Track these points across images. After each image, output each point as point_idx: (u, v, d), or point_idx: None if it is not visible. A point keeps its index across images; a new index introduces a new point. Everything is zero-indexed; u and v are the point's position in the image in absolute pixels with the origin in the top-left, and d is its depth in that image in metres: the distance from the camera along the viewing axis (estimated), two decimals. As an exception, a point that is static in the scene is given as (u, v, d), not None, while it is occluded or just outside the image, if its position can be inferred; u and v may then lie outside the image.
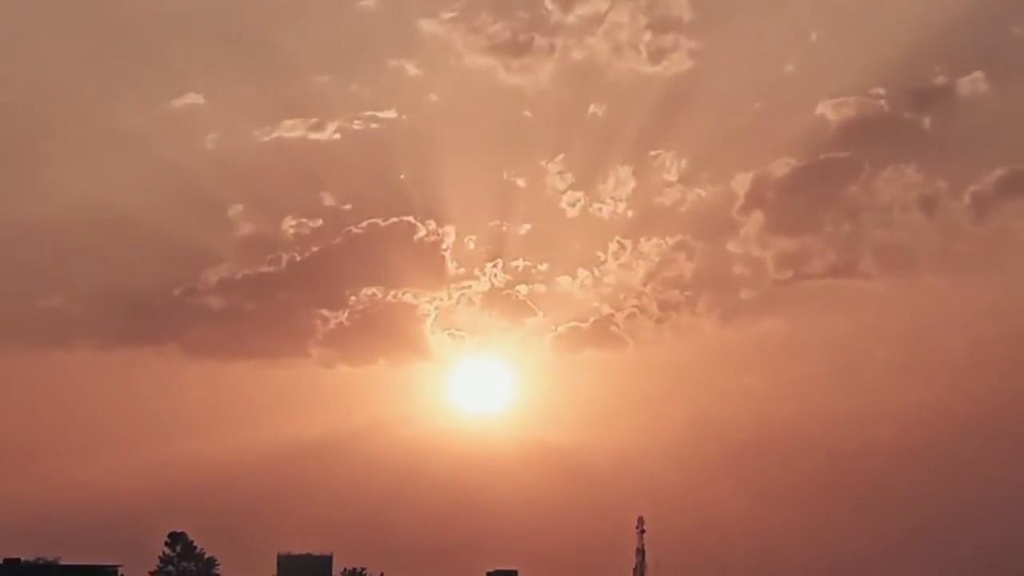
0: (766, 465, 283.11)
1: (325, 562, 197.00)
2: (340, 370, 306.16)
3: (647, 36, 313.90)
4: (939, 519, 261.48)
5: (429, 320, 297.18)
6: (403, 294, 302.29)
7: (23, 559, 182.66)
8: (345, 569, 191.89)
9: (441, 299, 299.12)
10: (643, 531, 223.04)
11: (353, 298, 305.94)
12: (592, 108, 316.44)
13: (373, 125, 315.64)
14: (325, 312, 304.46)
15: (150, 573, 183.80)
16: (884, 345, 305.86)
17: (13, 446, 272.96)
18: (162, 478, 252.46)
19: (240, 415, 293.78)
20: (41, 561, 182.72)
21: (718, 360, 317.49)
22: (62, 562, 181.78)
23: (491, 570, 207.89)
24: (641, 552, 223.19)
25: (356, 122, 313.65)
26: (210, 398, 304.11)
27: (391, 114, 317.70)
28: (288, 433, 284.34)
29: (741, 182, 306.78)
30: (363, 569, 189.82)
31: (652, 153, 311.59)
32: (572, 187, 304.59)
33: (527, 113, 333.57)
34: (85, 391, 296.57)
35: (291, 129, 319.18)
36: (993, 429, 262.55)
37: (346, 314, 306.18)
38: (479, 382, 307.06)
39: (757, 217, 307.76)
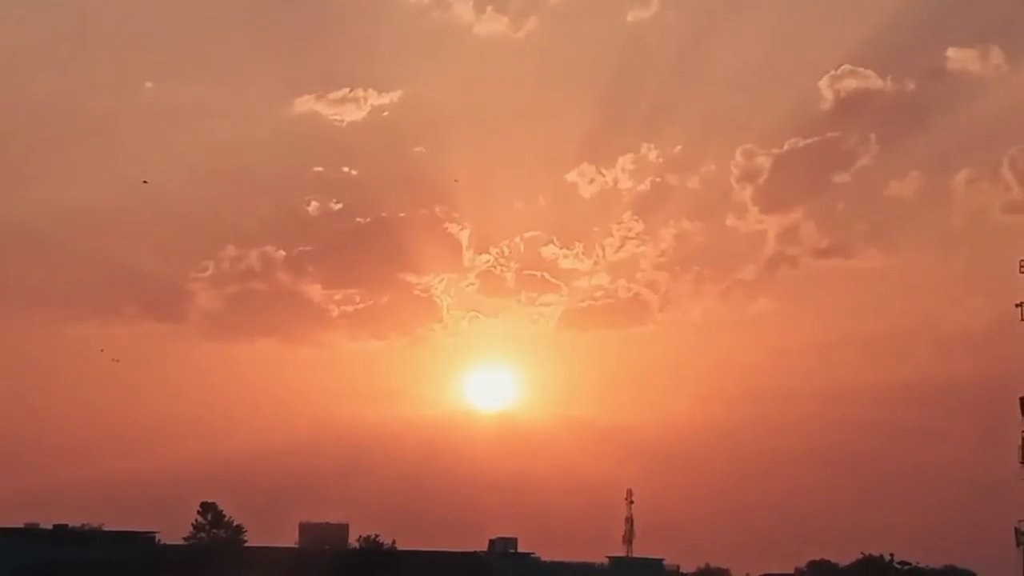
0: (762, 440, 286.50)
1: (342, 530, 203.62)
2: (357, 349, 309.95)
3: (654, 8, 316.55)
4: (924, 491, 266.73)
5: (444, 299, 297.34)
6: (418, 274, 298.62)
7: (70, 525, 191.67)
8: (360, 536, 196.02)
9: (456, 278, 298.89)
10: (632, 502, 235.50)
11: (369, 278, 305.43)
12: (600, 85, 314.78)
13: (387, 103, 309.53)
14: (342, 292, 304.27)
15: (184, 539, 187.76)
16: (884, 321, 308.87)
17: (56, 421, 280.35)
18: (193, 452, 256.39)
19: (262, 392, 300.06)
20: (86, 527, 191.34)
21: (720, 336, 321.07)
22: (105, 528, 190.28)
23: (493, 537, 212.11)
24: (630, 521, 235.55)
25: (370, 101, 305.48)
26: (233, 376, 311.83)
27: (406, 92, 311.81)
28: (307, 409, 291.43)
29: (746, 160, 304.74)
30: (377, 536, 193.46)
31: (660, 131, 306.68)
32: (582, 166, 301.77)
33: (536, 92, 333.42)
34: (116, 368, 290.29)
35: (305, 105, 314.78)
36: (973, 403, 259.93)
37: (363, 294, 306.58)
38: (491, 360, 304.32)
39: (761, 195, 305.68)
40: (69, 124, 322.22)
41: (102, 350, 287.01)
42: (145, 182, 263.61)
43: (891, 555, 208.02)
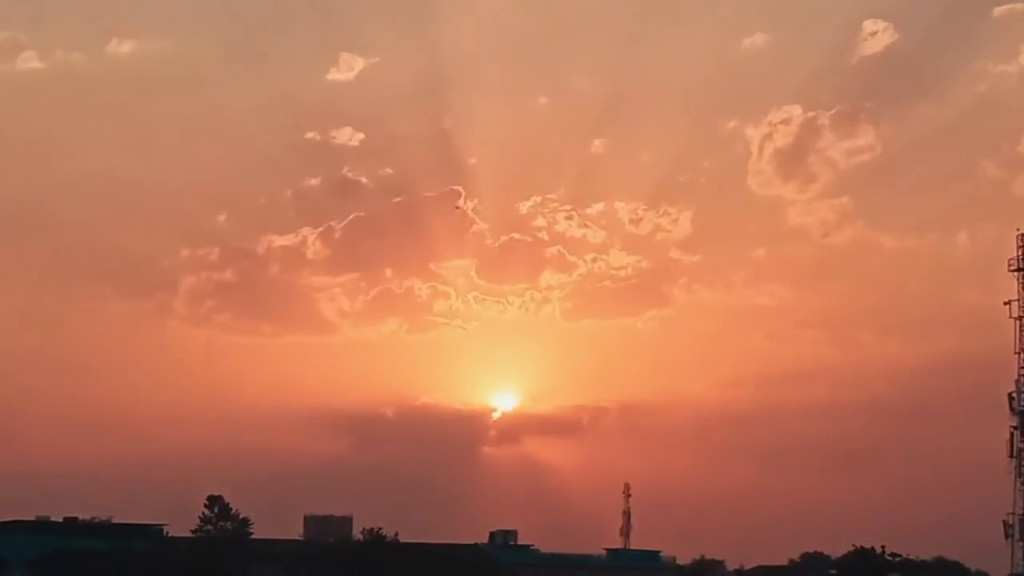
0: (757, 433, 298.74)
1: (346, 523, 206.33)
2: (363, 337, 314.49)
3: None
4: (915, 485, 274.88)
5: (451, 285, 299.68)
6: (424, 258, 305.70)
7: (80, 518, 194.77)
8: (364, 529, 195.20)
9: (463, 264, 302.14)
10: (629, 495, 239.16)
11: (374, 262, 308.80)
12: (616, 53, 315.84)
13: (389, 72, 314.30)
14: (346, 277, 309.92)
15: (191, 531, 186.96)
16: (890, 307, 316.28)
17: (60, 415, 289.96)
18: (198, 445, 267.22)
19: (267, 384, 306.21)
20: (96, 520, 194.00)
21: (730, 324, 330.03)
22: (114, 520, 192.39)
23: (493, 530, 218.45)
24: (627, 514, 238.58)
25: (373, 70, 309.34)
26: (237, 367, 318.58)
27: (407, 59, 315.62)
28: (312, 401, 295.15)
29: (755, 140, 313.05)
30: (380, 529, 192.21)
31: (672, 109, 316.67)
32: (597, 146, 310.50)
33: (552, 69, 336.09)
34: (122, 359, 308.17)
35: (305, 72, 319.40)
36: (967, 397, 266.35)
37: (368, 279, 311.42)
38: (497, 346, 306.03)
39: (775, 178, 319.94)
40: (44, 92, 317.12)
41: None
42: None
43: (883, 547, 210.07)
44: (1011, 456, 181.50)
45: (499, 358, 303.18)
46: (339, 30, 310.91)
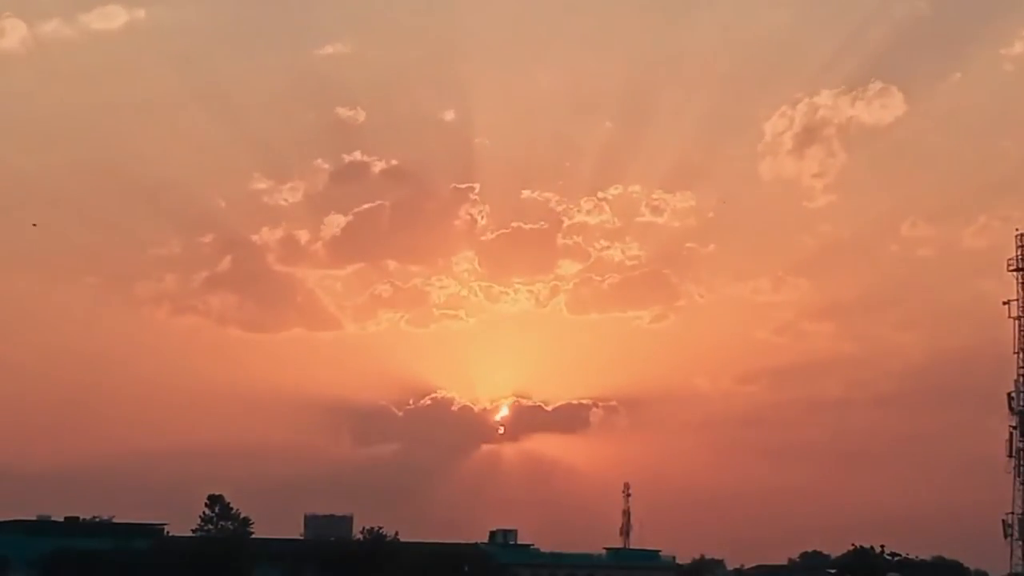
0: (757, 432, 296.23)
1: (346, 522, 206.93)
2: (363, 332, 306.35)
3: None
4: (914, 484, 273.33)
5: (453, 277, 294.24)
6: (425, 251, 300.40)
7: (81, 517, 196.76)
8: (364, 528, 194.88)
9: (467, 257, 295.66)
10: (629, 495, 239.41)
11: (375, 256, 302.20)
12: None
13: (393, 56, 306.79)
14: (347, 271, 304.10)
15: (192, 531, 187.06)
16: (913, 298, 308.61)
17: (60, 413, 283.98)
18: (201, 444, 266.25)
19: (268, 380, 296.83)
20: (97, 519, 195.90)
21: (739, 317, 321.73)
22: (115, 520, 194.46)
23: (493, 529, 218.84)
24: (627, 514, 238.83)
25: (375, 56, 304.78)
26: (238, 364, 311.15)
27: (412, 42, 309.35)
28: (312, 397, 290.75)
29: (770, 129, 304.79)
30: (380, 528, 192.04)
31: (682, 100, 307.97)
32: (609, 129, 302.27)
33: (562, 51, 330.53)
34: (122, 357, 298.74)
35: (305, 57, 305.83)
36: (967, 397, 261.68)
37: (369, 273, 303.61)
38: (502, 340, 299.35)
39: (785, 173, 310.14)
40: (24, 66, 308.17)
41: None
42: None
43: (882, 547, 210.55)
44: (1010, 455, 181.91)
45: (503, 352, 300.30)
46: (342, 11, 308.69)
